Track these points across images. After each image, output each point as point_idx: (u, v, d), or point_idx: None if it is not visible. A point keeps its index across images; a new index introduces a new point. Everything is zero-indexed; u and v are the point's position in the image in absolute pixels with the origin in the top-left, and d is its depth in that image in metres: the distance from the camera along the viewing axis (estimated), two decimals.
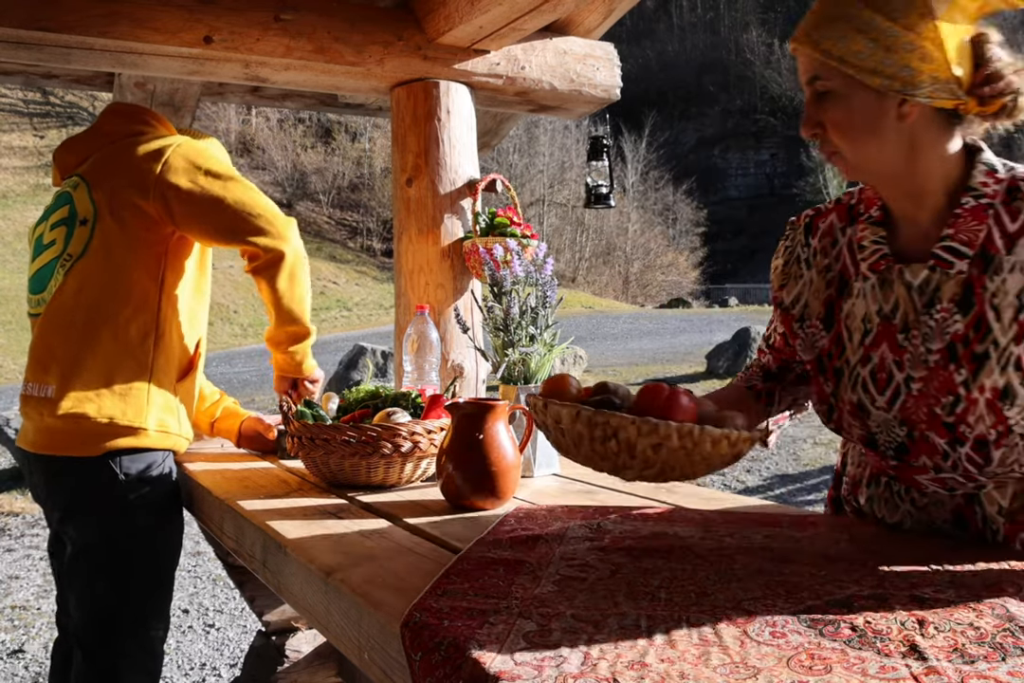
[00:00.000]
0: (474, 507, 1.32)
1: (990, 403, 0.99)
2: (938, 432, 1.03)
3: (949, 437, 1.02)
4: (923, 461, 1.07)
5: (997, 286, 0.99)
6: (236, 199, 1.67)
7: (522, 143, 34.17)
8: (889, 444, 1.09)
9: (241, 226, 1.66)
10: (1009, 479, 1.05)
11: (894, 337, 1.06)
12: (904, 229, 1.08)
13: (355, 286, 26.77)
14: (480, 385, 2.39)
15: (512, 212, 2.34)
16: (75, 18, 1.96)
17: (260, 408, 8.42)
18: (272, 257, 1.69)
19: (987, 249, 1.00)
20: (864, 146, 1.01)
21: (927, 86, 0.96)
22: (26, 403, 1.70)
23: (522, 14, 2.07)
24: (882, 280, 1.07)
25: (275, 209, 1.72)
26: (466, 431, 1.32)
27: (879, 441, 1.10)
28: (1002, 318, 0.98)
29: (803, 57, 1.02)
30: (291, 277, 1.72)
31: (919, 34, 0.95)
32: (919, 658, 0.68)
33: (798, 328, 1.19)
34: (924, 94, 0.96)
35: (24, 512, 5.16)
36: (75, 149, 1.82)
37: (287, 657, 2.18)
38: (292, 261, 1.71)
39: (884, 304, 1.07)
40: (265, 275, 1.70)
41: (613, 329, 18.54)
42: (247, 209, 1.67)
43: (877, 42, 0.96)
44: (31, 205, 23.69)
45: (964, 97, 0.97)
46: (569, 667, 0.68)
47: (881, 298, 1.07)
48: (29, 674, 2.96)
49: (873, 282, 1.08)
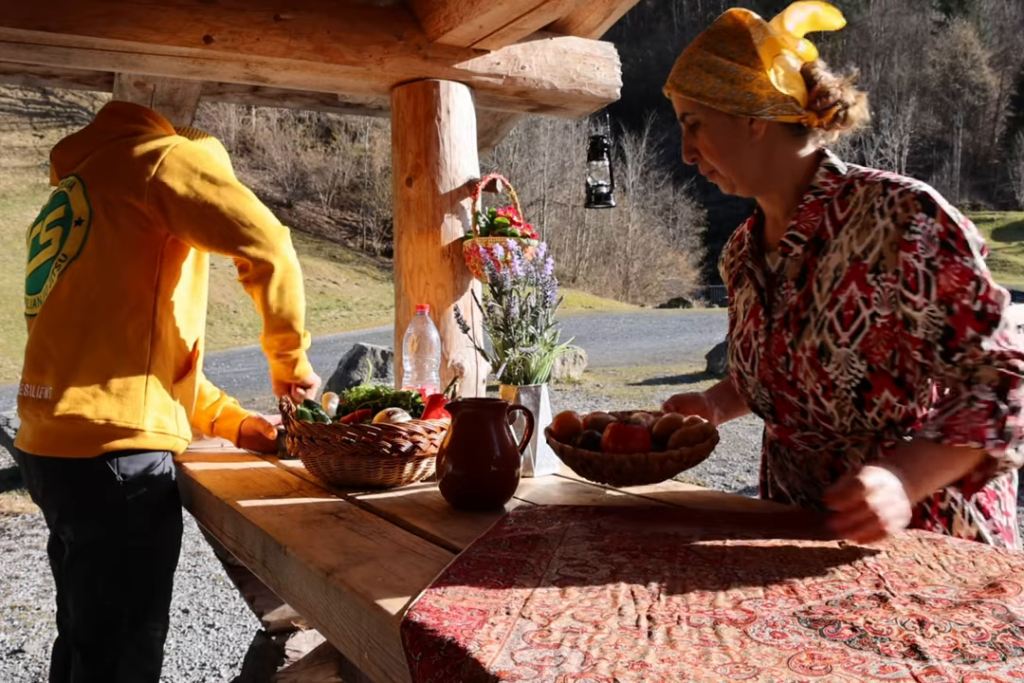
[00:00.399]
0: (474, 507, 1.32)
1: (811, 360, 1.20)
2: (786, 390, 1.25)
3: (795, 394, 1.24)
4: (789, 420, 1.29)
5: (823, 264, 1.22)
6: (230, 207, 1.66)
7: (522, 143, 34.17)
8: (764, 407, 1.33)
9: (232, 235, 1.66)
10: (864, 438, 1.22)
11: (757, 313, 1.31)
12: (769, 227, 1.34)
13: (355, 286, 26.77)
14: (480, 385, 2.39)
15: (512, 212, 2.34)
16: (75, 18, 1.96)
17: (260, 408, 8.42)
18: (262, 269, 1.69)
19: (820, 235, 1.24)
20: (729, 161, 1.25)
21: (768, 106, 1.20)
22: (23, 404, 1.70)
23: (522, 14, 2.07)
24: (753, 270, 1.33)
25: (268, 218, 1.71)
26: (466, 431, 1.32)
27: (759, 406, 1.34)
28: (822, 289, 1.21)
29: (674, 100, 1.26)
30: (281, 288, 1.72)
31: (752, 67, 1.19)
32: (919, 658, 0.68)
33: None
34: (767, 113, 1.20)
35: (24, 512, 5.16)
36: (72, 148, 1.82)
37: (287, 657, 2.18)
38: (281, 273, 1.71)
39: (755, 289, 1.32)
40: (255, 286, 1.72)
41: (613, 329, 18.54)
42: (239, 218, 1.67)
43: (723, 78, 1.20)
44: (31, 205, 23.69)
45: (804, 112, 1.21)
46: (569, 667, 0.68)
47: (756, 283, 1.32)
48: (29, 674, 2.96)
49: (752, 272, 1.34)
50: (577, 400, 8.91)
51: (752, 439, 6.79)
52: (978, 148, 61.73)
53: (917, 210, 1.12)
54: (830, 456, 1.26)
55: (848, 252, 1.18)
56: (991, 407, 1.05)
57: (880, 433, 1.22)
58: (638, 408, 8.43)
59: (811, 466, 1.29)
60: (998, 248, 52.17)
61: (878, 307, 1.15)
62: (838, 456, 1.25)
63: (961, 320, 1.10)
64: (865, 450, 1.23)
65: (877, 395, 1.19)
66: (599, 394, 9.27)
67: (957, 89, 61.40)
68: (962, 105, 61.02)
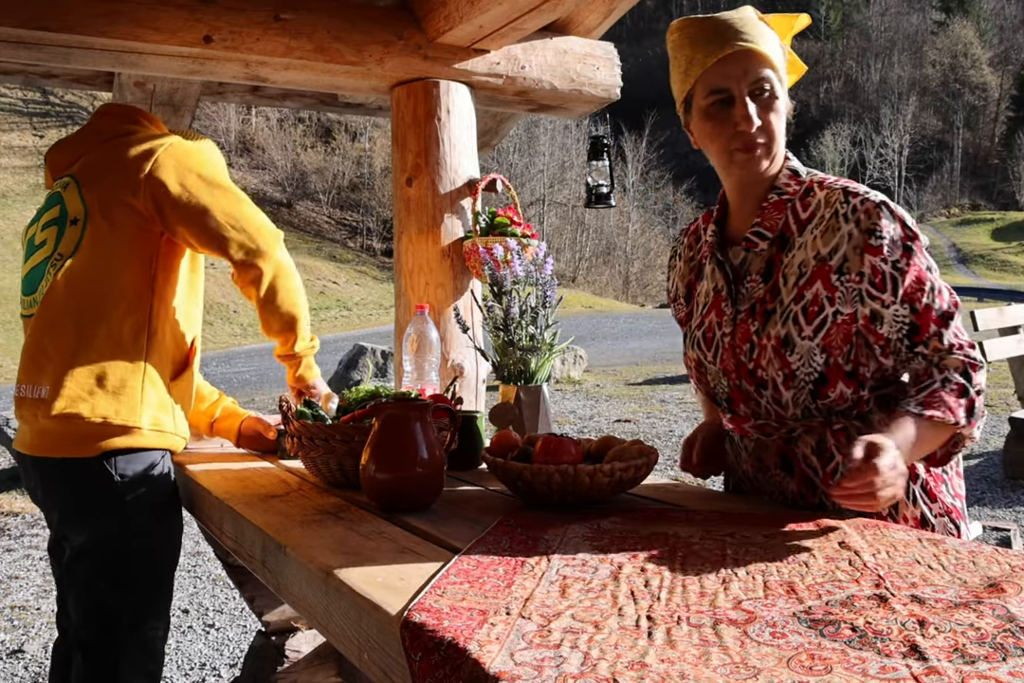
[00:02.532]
0: (400, 509, 1.30)
1: (775, 349, 1.24)
2: (746, 379, 1.29)
3: (753, 383, 1.28)
4: (743, 409, 1.33)
5: (789, 260, 1.27)
6: (223, 210, 1.67)
7: (522, 143, 34.17)
8: (721, 396, 1.36)
9: (224, 238, 1.67)
10: (812, 425, 1.27)
11: (720, 304, 1.34)
12: (733, 221, 1.37)
13: (355, 286, 26.77)
14: (480, 385, 2.39)
15: (512, 212, 2.34)
16: (75, 18, 1.96)
17: (260, 408, 8.42)
18: (253, 274, 1.71)
19: (784, 233, 1.28)
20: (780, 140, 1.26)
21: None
22: (20, 405, 1.69)
23: (522, 14, 2.07)
24: (715, 263, 1.36)
25: (261, 222, 1.72)
26: (391, 433, 1.30)
27: (717, 395, 1.37)
28: (788, 283, 1.26)
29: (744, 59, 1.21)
30: (273, 290, 1.73)
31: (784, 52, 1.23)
32: (920, 658, 0.68)
33: (674, 306, 1.50)
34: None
35: (24, 512, 5.16)
36: (67, 149, 1.82)
37: (287, 657, 2.18)
38: (272, 277, 1.72)
39: (718, 281, 1.35)
40: (249, 289, 1.74)
41: (613, 329, 18.54)
42: (232, 221, 1.67)
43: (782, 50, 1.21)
44: (31, 205, 23.70)
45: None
46: (569, 667, 0.67)
47: (718, 276, 1.36)
48: (29, 674, 2.96)
49: (713, 266, 1.37)
50: (577, 400, 8.92)
51: None
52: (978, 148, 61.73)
53: (880, 217, 1.19)
54: (781, 443, 1.31)
55: (814, 251, 1.24)
56: (961, 388, 1.16)
57: (829, 419, 1.27)
58: (638, 408, 8.39)
59: (762, 454, 1.34)
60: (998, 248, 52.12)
61: (840, 305, 1.22)
62: (789, 443, 1.30)
63: (924, 317, 1.20)
64: (816, 436, 1.27)
65: (832, 388, 1.25)
66: (599, 394, 9.27)
67: (957, 89, 61.40)
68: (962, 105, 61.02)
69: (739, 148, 1.25)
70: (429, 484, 1.30)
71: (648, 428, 7.29)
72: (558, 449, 1.30)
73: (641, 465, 1.29)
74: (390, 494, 1.29)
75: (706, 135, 1.28)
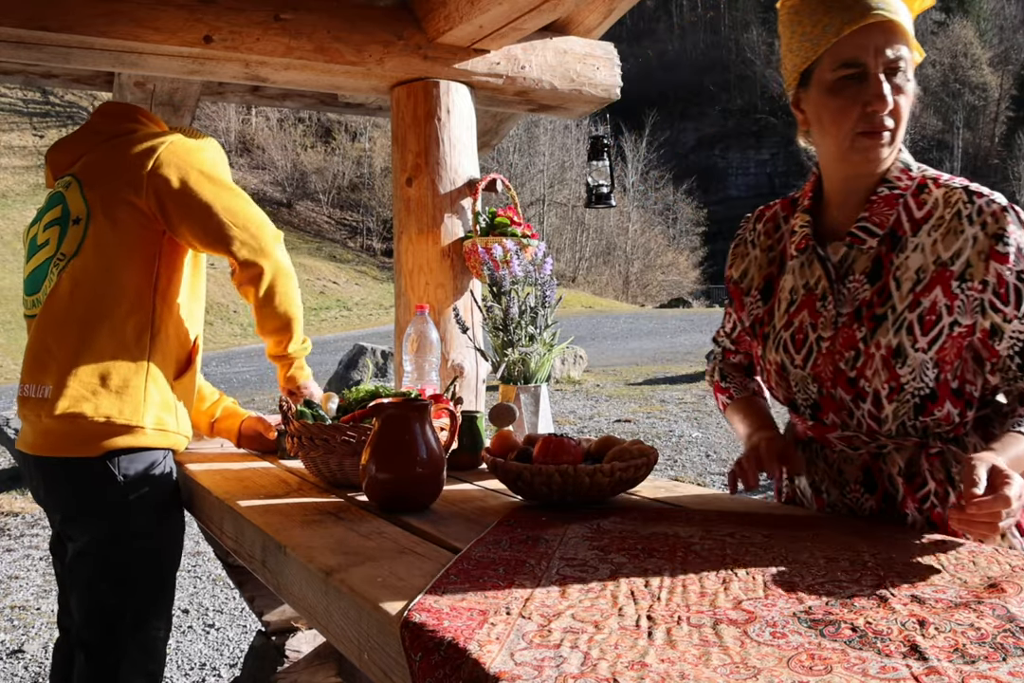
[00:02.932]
0: (400, 509, 1.30)
1: (884, 359, 1.14)
2: (843, 388, 1.19)
3: (852, 393, 1.18)
4: (832, 418, 1.23)
5: (901, 261, 1.16)
6: (224, 208, 1.67)
7: (522, 143, 34.15)
8: (805, 403, 1.26)
9: (224, 236, 1.67)
10: (906, 444, 1.19)
11: (814, 304, 1.22)
12: (832, 214, 1.24)
13: (355, 286, 26.77)
14: (480, 385, 2.39)
15: (512, 212, 2.34)
16: (75, 18, 1.96)
17: (260, 408, 8.41)
18: (252, 272, 1.71)
19: (895, 231, 1.17)
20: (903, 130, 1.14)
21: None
22: (23, 405, 1.69)
23: (522, 14, 2.07)
24: (808, 258, 1.24)
25: (262, 221, 1.72)
26: (391, 433, 1.30)
27: (798, 401, 1.27)
28: (901, 288, 1.15)
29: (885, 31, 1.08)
30: (271, 290, 1.73)
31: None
32: (920, 658, 0.68)
33: (745, 300, 1.36)
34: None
35: (24, 512, 5.16)
36: (67, 149, 1.82)
37: (287, 657, 2.18)
38: (271, 276, 1.72)
39: (810, 278, 1.23)
40: (247, 288, 1.74)
41: (613, 329, 18.54)
42: (234, 219, 1.67)
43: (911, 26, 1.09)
44: (31, 205, 23.67)
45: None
46: (569, 667, 0.67)
47: (808, 273, 1.24)
48: (29, 674, 2.96)
49: (801, 260, 1.25)
50: (577, 400, 8.91)
51: None
52: (978, 148, 61.72)
53: (1008, 222, 1.11)
54: (868, 458, 1.22)
55: (933, 255, 1.14)
56: None
57: (925, 439, 1.19)
58: (638, 408, 8.39)
59: (844, 466, 1.24)
60: None
61: (959, 315, 1.13)
62: (877, 459, 1.21)
63: None
64: (905, 456, 1.19)
65: (940, 406, 1.17)
66: (599, 394, 9.27)
67: (957, 89, 61.40)
68: (962, 105, 61.02)
69: (865, 131, 1.12)
70: (429, 484, 1.30)
71: (648, 428, 7.28)
72: (558, 449, 1.30)
73: (641, 465, 1.29)
74: (390, 494, 1.29)
75: (827, 113, 1.14)
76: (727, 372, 1.48)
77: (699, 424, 7.41)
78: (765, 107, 54.12)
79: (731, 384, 1.46)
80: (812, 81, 1.15)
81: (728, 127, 56.21)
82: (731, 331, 1.44)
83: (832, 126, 1.14)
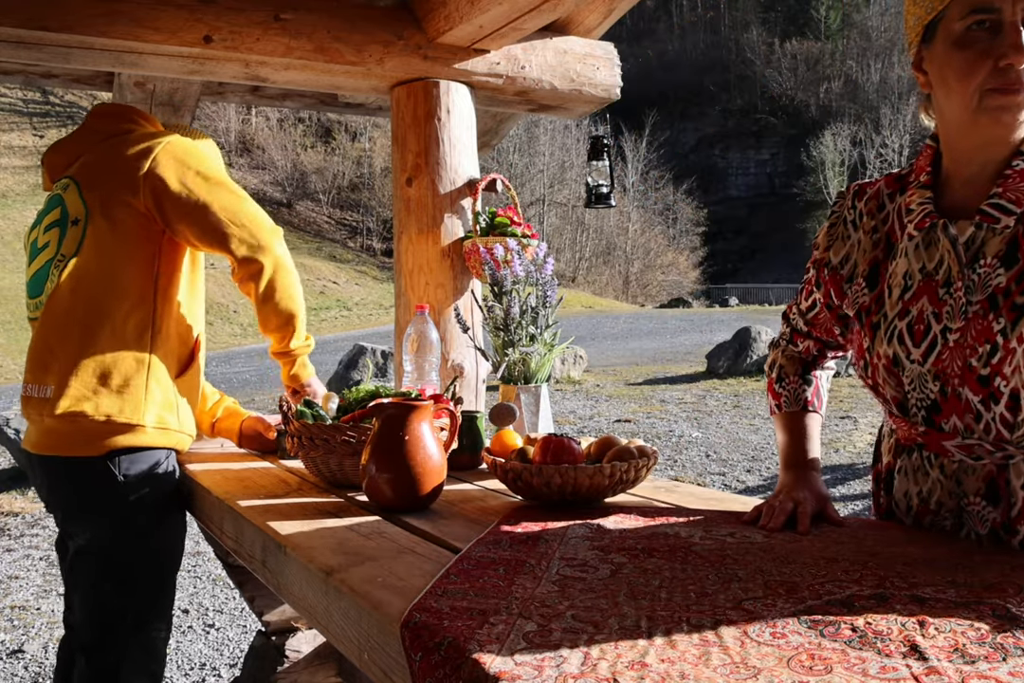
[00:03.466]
0: (400, 509, 1.30)
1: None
2: (971, 387, 1.04)
3: (983, 393, 1.04)
4: (953, 423, 1.08)
5: None
6: (222, 206, 1.67)
7: (522, 143, 34.14)
8: (920, 404, 1.10)
9: (222, 234, 1.67)
10: None
11: (935, 291, 1.08)
12: (956, 190, 1.10)
13: (355, 286, 26.76)
14: (480, 385, 2.39)
15: (512, 212, 2.34)
16: (75, 18, 1.96)
17: (260, 408, 8.42)
18: (251, 269, 1.71)
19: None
20: None
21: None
22: (27, 405, 1.70)
23: (522, 14, 2.07)
24: (927, 239, 1.10)
25: (261, 218, 1.72)
26: (391, 433, 1.30)
27: (910, 402, 1.12)
28: None
29: None
30: (272, 286, 1.73)
31: None
32: (920, 658, 0.68)
33: (847, 288, 1.21)
34: None
35: (24, 512, 5.16)
36: (64, 151, 1.82)
37: (287, 657, 2.18)
38: (271, 273, 1.72)
39: (928, 262, 1.09)
40: (248, 284, 1.74)
41: (613, 329, 18.53)
42: (231, 217, 1.67)
43: None
44: (31, 205, 23.68)
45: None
46: (569, 667, 0.67)
47: (925, 256, 1.10)
48: (29, 674, 2.96)
49: (917, 241, 1.11)
50: (577, 400, 8.91)
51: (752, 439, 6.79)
52: None
53: None
54: (993, 469, 1.07)
55: None
56: None
57: None
58: (638, 408, 8.39)
59: (963, 477, 1.09)
60: None
61: None
62: (1003, 470, 1.06)
63: None
64: None
65: None
66: (599, 394, 9.27)
67: None
68: None
69: (997, 87, 0.98)
70: (429, 484, 1.30)
71: (648, 428, 7.29)
72: (558, 449, 1.30)
73: (641, 465, 1.29)
74: (390, 494, 1.29)
75: (952, 69, 1.01)
76: (785, 372, 1.36)
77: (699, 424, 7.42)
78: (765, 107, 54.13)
79: (784, 390, 1.34)
80: (937, 35, 1.03)
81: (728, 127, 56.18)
82: (807, 310, 1.31)
83: (958, 83, 1.01)
